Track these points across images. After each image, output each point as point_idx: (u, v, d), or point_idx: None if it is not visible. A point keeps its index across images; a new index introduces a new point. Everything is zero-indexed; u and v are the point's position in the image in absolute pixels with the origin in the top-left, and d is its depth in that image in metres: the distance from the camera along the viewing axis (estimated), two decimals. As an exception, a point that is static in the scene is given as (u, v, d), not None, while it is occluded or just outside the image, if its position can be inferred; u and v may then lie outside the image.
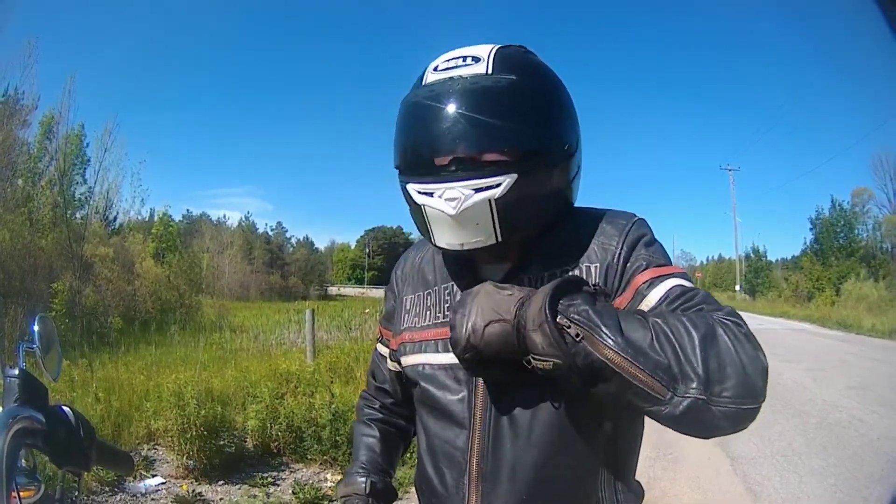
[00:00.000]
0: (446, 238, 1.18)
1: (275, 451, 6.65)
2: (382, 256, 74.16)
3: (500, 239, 1.16)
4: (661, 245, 1.23)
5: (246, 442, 6.69)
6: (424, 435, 1.31)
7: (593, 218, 1.26)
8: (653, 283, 1.13)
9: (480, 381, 1.19)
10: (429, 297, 1.34)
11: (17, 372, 0.99)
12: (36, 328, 1.08)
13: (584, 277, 1.14)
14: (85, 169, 21.08)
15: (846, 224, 44.42)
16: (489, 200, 1.12)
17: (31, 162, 18.15)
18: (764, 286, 51.38)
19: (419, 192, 1.17)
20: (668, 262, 1.19)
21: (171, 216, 26.01)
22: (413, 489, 1.41)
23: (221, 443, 6.16)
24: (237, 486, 5.91)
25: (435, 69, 1.20)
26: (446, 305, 1.29)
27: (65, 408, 1.03)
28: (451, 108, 1.15)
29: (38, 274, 15.45)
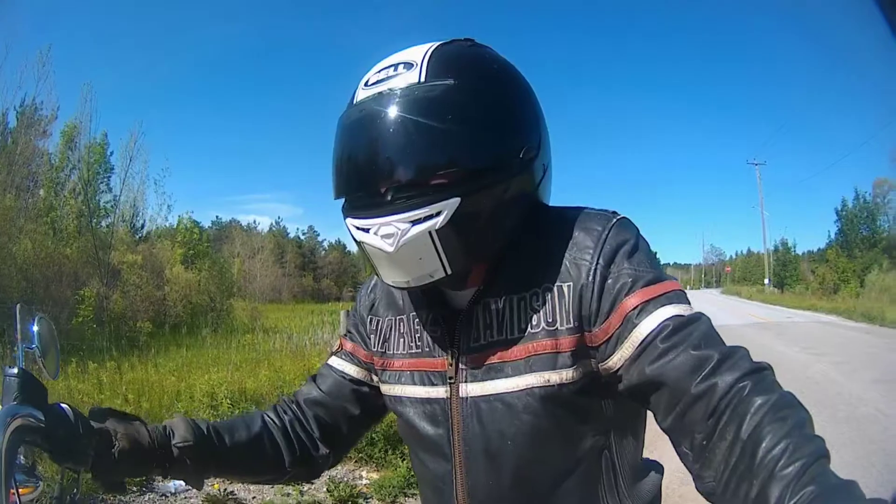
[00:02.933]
0: (391, 276, 1.08)
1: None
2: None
3: (449, 272, 1.04)
4: (647, 248, 1.06)
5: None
6: (416, 466, 1.26)
7: (565, 225, 1.09)
8: (644, 309, 0.97)
9: (457, 412, 1.11)
10: (401, 324, 1.26)
11: (15, 371, 0.98)
12: (35, 328, 1.07)
13: (557, 300, 1.04)
14: (109, 177, 21.16)
15: (869, 216, 43.77)
16: (429, 232, 1.00)
17: (54, 172, 18.22)
18: (792, 279, 50.91)
19: (356, 228, 1.06)
20: (657, 274, 1.02)
21: (196, 222, 26.05)
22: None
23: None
24: (270, 485, 5.83)
25: (366, 84, 1.06)
26: (417, 335, 1.21)
27: (64, 406, 1.02)
28: (379, 131, 1.01)
29: (62, 282, 15.54)
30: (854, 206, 44.34)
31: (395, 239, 1.00)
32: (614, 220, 1.07)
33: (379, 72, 1.05)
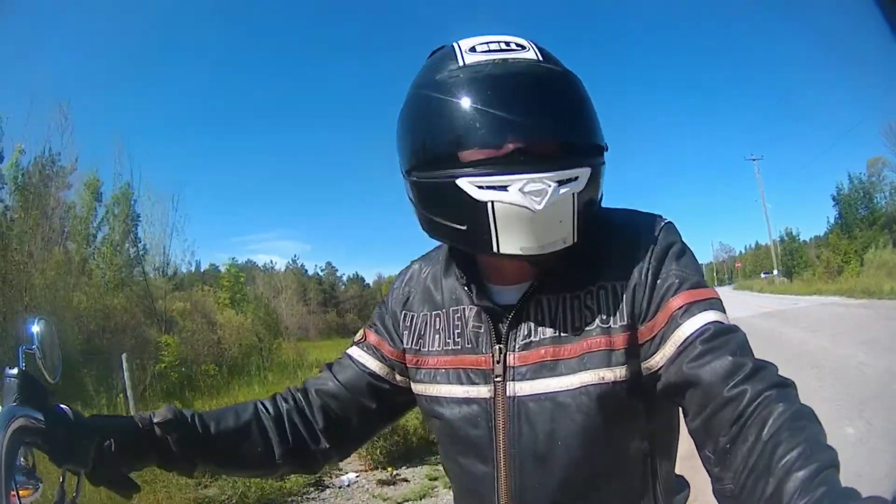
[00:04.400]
0: (520, 241, 0.94)
1: (434, 442, 6.89)
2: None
3: (575, 239, 0.96)
4: (692, 253, 1.03)
5: (409, 438, 7.14)
6: (452, 469, 1.13)
7: (615, 224, 1.05)
8: (688, 310, 0.93)
9: (502, 412, 1.01)
10: (437, 319, 1.13)
11: (16, 372, 0.93)
12: (35, 330, 1.00)
13: (611, 299, 0.99)
14: (136, 226, 20.86)
15: (865, 195, 42.63)
16: (573, 195, 0.93)
17: (81, 224, 18.05)
18: (800, 266, 49.62)
19: (480, 187, 0.92)
20: (702, 278, 0.98)
21: (238, 267, 26.01)
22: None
23: (396, 439, 6.82)
24: (420, 468, 6.68)
25: (471, 50, 0.98)
26: (457, 331, 1.09)
27: (63, 407, 0.97)
28: (524, 89, 0.95)
29: (123, 331, 15.42)
30: (850, 188, 43.45)
31: (544, 197, 0.91)
32: (663, 222, 1.04)
33: (485, 43, 0.98)
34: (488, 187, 0.92)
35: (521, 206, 0.91)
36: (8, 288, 11.76)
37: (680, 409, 0.96)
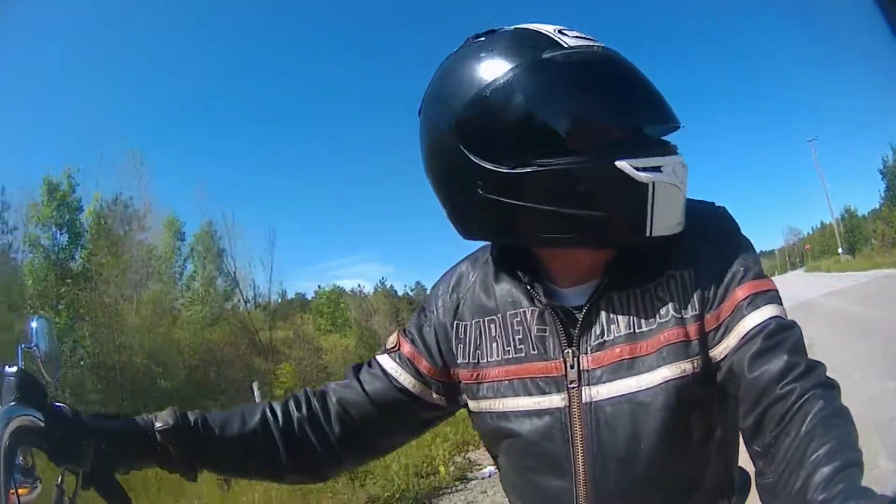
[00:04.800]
0: (670, 220, 0.89)
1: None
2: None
3: (682, 222, 0.92)
4: (749, 240, 0.97)
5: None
6: (520, 488, 1.00)
7: None
8: (753, 301, 0.87)
9: (578, 420, 0.90)
10: (492, 326, 0.99)
11: (14, 370, 0.87)
12: (34, 328, 0.95)
13: (680, 289, 0.91)
14: (220, 261, 20.40)
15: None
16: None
17: (165, 264, 17.83)
18: (860, 242, 46.57)
19: (639, 169, 0.85)
20: (761, 268, 0.92)
21: (339, 291, 26.28)
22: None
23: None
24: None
25: (560, 32, 0.89)
26: (517, 337, 0.96)
27: (62, 406, 0.91)
28: (641, 75, 0.91)
29: (220, 364, 15.55)
30: (894, 160, 40.28)
31: (685, 176, 0.90)
32: (720, 209, 0.99)
33: (562, 30, 0.90)
34: (646, 169, 0.85)
35: (675, 185, 0.87)
36: (102, 330, 12.10)
37: None
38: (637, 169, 0.85)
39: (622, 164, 0.84)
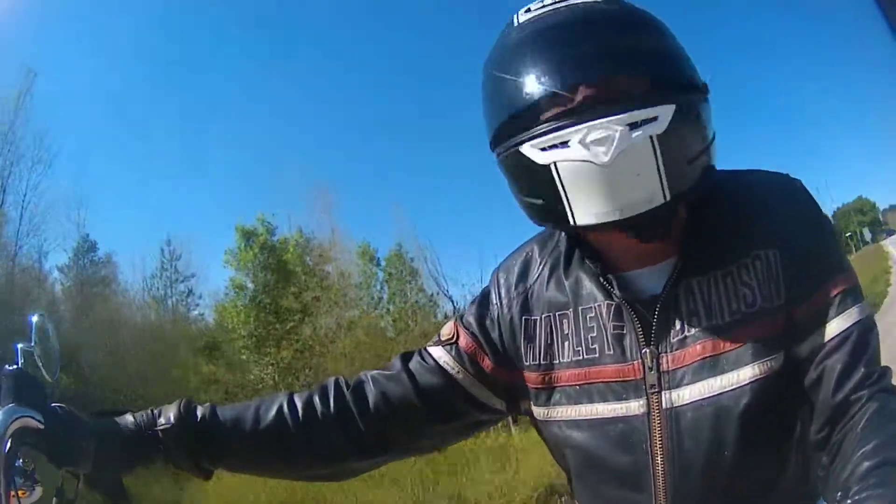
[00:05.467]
0: (595, 206, 0.77)
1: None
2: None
3: (668, 196, 0.76)
4: (829, 219, 0.95)
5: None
6: (589, 499, 0.92)
7: (749, 186, 0.88)
8: (842, 302, 0.81)
9: (658, 428, 0.82)
10: (564, 322, 0.90)
11: (14, 371, 0.86)
12: (34, 327, 0.93)
13: (766, 271, 0.82)
14: (418, 280, 21.59)
15: None
16: (651, 138, 0.74)
17: (364, 290, 18.81)
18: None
19: (542, 149, 0.77)
20: (846, 260, 0.88)
21: None
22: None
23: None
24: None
25: (526, 11, 0.84)
26: (591, 335, 0.88)
27: (62, 407, 0.89)
28: (580, 30, 0.79)
29: None
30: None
31: (610, 146, 0.73)
32: (797, 183, 0.88)
33: (542, 5, 0.83)
34: (550, 147, 0.76)
35: (584, 161, 0.74)
36: (319, 359, 12.96)
37: None
38: (543, 150, 0.77)
39: (524, 149, 0.78)
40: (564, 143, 0.75)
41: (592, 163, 0.73)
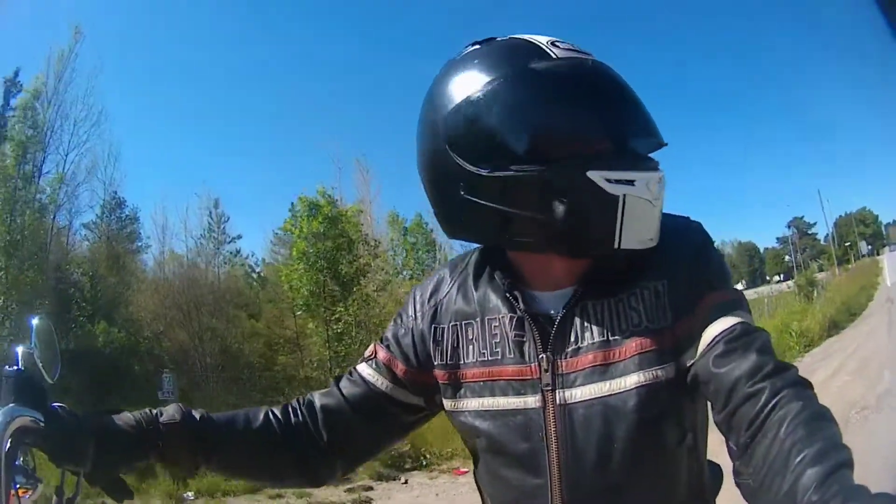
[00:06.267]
0: (641, 234, 0.92)
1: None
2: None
3: (655, 237, 0.95)
4: (720, 254, 1.03)
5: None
6: (494, 485, 1.02)
7: None
8: (719, 309, 0.91)
9: (553, 421, 0.93)
10: (469, 329, 1.03)
11: (15, 371, 0.88)
12: (34, 329, 0.96)
13: (654, 299, 0.94)
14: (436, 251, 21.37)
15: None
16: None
17: (394, 257, 19.11)
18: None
19: (611, 181, 0.88)
20: (730, 280, 1.00)
21: None
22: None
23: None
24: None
25: (552, 45, 0.93)
26: (494, 340, 0.99)
27: (62, 407, 0.91)
28: (626, 89, 0.94)
29: None
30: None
31: (659, 192, 0.92)
32: (695, 224, 1.02)
33: (559, 41, 0.94)
34: (619, 182, 0.88)
35: (647, 200, 0.90)
36: (366, 320, 13.42)
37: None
38: (609, 181, 0.87)
39: (593, 175, 0.87)
40: (630, 182, 0.88)
41: (649, 202, 0.89)
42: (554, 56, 0.90)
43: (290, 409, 1.09)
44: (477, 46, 0.96)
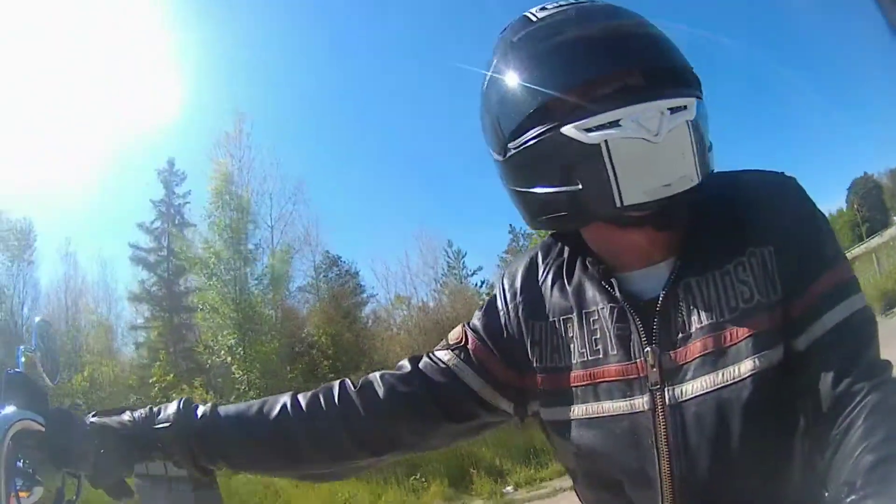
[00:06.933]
0: (645, 183, 0.80)
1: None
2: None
3: (699, 178, 0.82)
4: (824, 215, 0.89)
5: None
6: (598, 500, 0.93)
7: (743, 185, 0.90)
8: (833, 296, 0.81)
9: (663, 424, 0.83)
10: (569, 326, 0.92)
11: (16, 374, 0.88)
12: (36, 332, 0.96)
13: (763, 268, 0.83)
14: None
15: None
16: (687, 123, 0.80)
17: None
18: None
19: (589, 130, 0.79)
20: (843, 253, 0.88)
21: None
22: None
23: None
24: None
25: (542, 9, 0.88)
26: (595, 337, 0.89)
27: (63, 410, 0.90)
28: (614, 20, 0.86)
29: None
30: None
31: (661, 126, 0.78)
32: (791, 180, 0.90)
33: (558, 2, 0.88)
34: (597, 128, 0.79)
35: (639, 139, 0.78)
36: None
37: None
38: (588, 130, 0.78)
39: (567, 129, 0.79)
40: (615, 123, 0.77)
41: (646, 140, 0.77)
42: (534, 20, 0.86)
43: (326, 394, 0.97)
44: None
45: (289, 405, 0.95)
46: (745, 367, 0.81)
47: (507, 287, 0.99)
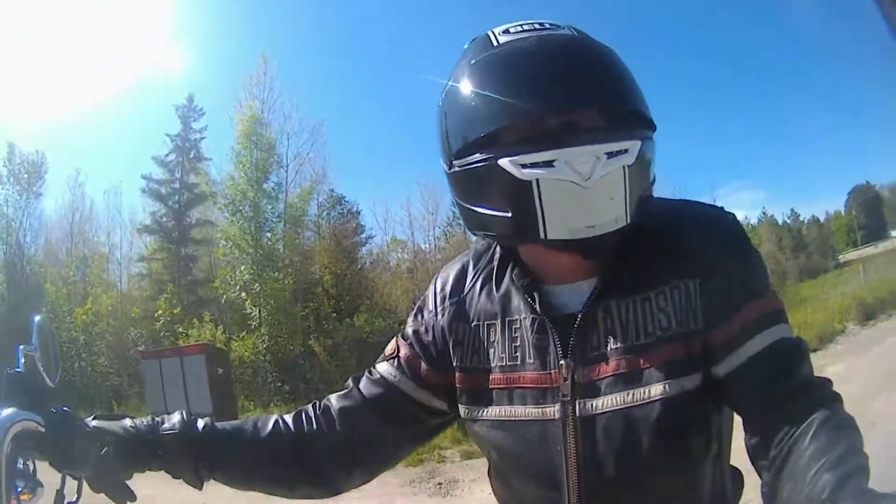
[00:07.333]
0: (569, 221, 0.83)
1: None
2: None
3: (628, 221, 0.84)
4: (758, 252, 0.92)
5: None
6: (509, 496, 1.00)
7: (678, 217, 0.92)
8: (761, 322, 0.84)
9: (572, 433, 0.87)
10: (491, 331, 0.97)
11: (15, 374, 0.88)
12: (35, 328, 0.94)
13: (685, 299, 0.86)
14: None
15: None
16: (623, 168, 0.82)
17: None
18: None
19: (524, 166, 0.81)
20: (770, 284, 0.90)
21: None
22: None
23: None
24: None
25: (505, 32, 0.89)
26: (514, 344, 0.94)
27: (63, 410, 0.90)
28: (562, 59, 0.85)
29: None
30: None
31: (593, 171, 0.80)
32: (729, 216, 0.93)
33: (520, 25, 0.90)
34: (532, 165, 0.81)
35: (569, 182, 0.80)
36: None
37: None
38: (523, 166, 0.81)
39: (503, 162, 0.82)
40: (548, 164, 0.80)
41: (576, 184, 0.79)
42: (495, 44, 0.88)
43: (302, 416, 1.04)
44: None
45: (280, 423, 1.02)
46: (656, 390, 0.84)
47: (437, 291, 1.04)
